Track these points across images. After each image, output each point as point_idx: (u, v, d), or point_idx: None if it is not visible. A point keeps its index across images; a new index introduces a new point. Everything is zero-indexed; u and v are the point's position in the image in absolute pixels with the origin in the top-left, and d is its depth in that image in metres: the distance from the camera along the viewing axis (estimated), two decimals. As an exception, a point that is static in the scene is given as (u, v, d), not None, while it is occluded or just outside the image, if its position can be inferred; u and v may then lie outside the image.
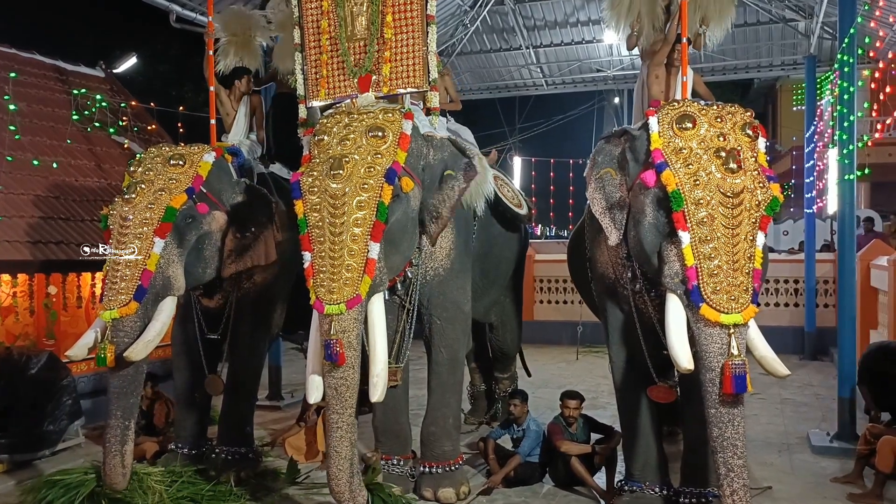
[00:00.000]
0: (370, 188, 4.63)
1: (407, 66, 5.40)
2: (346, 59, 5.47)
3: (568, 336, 11.95)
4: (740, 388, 4.01)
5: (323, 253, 4.56)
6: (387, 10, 5.38)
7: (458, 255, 5.81)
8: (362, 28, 5.46)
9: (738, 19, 12.32)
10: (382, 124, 4.90)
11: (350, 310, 4.49)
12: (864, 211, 16.28)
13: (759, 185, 4.20)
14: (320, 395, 4.73)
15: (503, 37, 13.79)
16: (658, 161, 4.39)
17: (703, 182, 4.21)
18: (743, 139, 4.35)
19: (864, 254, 10.05)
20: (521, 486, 5.90)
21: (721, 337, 4.09)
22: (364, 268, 4.54)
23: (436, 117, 5.66)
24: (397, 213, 4.82)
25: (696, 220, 4.17)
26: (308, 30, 5.62)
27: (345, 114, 5.03)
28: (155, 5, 9.75)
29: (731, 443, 4.08)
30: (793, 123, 20.66)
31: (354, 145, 4.79)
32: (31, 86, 9.01)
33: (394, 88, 5.45)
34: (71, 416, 6.67)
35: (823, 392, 9.16)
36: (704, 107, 4.54)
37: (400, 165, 4.78)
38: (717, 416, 4.11)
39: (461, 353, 5.97)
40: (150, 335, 5.05)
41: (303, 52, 5.66)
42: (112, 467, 4.96)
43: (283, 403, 8.85)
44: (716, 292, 4.08)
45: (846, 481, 5.88)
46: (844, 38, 6.99)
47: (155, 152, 5.61)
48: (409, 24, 5.38)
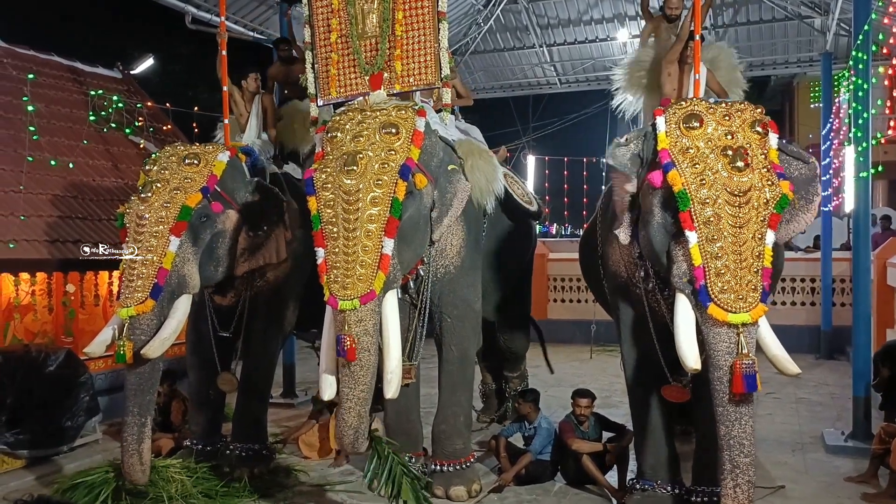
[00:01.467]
0: (384, 184, 4.64)
1: (419, 63, 5.41)
2: (357, 57, 5.49)
3: (581, 335, 11.90)
4: (751, 387, 3.99)
5: (337, 249, 4.57)
6: (398, 7, 5.39)
7: (469, 253, 5.82)
8: (373, 26, 5.47)
9: (753, 16, 12.32)
10: (396, 121, 4.91)
11: (364, 305, 4.49)
12: (881, 209, 16.13)
13: (768, 183, 4.16)
14: (334, 392, 4.74)
15: (516, 35, 13.78)
16: (665, 161, 4.36)
17: (709, 181, 4.19)
18: (752, 136, 4.31)
19: (881, 252, 9.97)
20: (533, 484, 5.91)
21: (729, 336, 4.07)
22: (378, 264, 4.55)
23: (447, 114, 5.68)
24: (411, 210, 4.83)
25: (702, 220, 4.15)
26: (318, 28, 5.64)
27: (358, 110, 5.04)
28: (170, 7, 9.85)
29: (738, 441, 4.08)
30: (810, 121, 20.44)
31: (368, 142, 4.80)
32: (49, 87, 9.12)
33: (406, 86, 5.46)
34: (88, 413, 6.76)
35: (839, 391, 9.08)
36: (713, 105, 4.51)
37: (414, 162, 4.80)
38: (724, 414, 4.11)
39: (471, 350, 5.99)
40: (165, 332, 5.12)
41: (313, 50, 5.68)
42: (131, 465, 5.04)
43: (297, 401, 8.91)
44: (723, 291, 4.06)
45: (860, 481, 5.85)
46: (859, 34, 6.95)
47: (170, 151, 5.67)
48: (420, 21, 5.39)
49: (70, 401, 6.62)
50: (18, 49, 9.25)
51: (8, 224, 6.93)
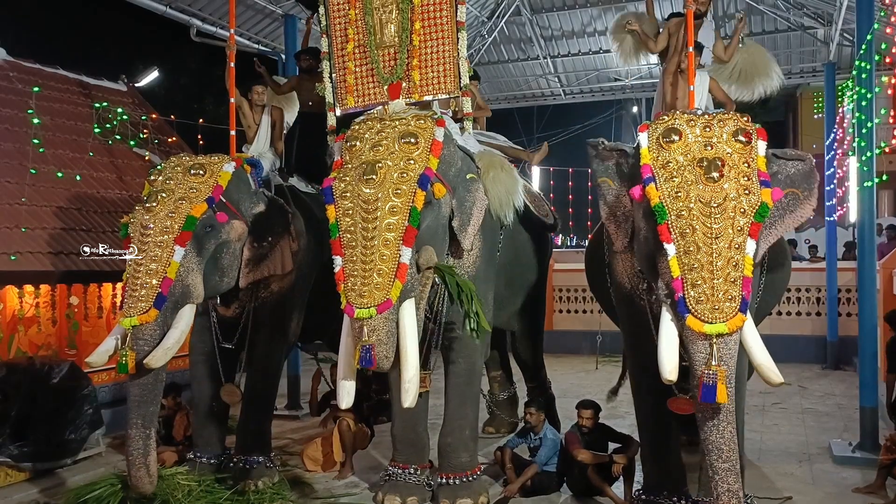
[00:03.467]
0: (403, 193, 4.65)
1: (437, 72, 5.44)
2: (375, 67, 5.50)
3: (588, 345, 11.89)
4: (707, 397, 4.03)
5: (354, 257, 4.58)
6: (416, 17, 5.41)
7: (483, 264, 5.79)
8: (392, 35, 5.50)
9: (756, 27, 12.33)
10: (415, 130, 4.92)
11: (381, 314, 4.49)
12: (887, 219, 16.08)
13: (745, 193, 4.19)
14: (351, 401, 4.73)
15: (521, 47, 13.82)
16: (645, 176, 4.43)
17: (684, 193, 4.25)
18: (734, 146, 4.35)
19: (887, 262, 9.91)
20: (539, 495, 5.87)
21: (705, 347, 4.10)
22: (395, 272, 4.55)
23: (469, 122, 5.68)
24: (429, 219, 4.84)
25: (678, 232, 4.20)
26: (335, 38, 5.66)
27: (377, 119, 5.05)
28: (176, 20, 9.90)
29: (716, 446, 4.16)
30: (814, 131, 20.42)
31: (387, 151, 4.82)
32: (54, 100, 9.15)
33: (425, 95, 5.47)
34: (92, 426, 6.75)
35: (845, 402, 9.04)
36: (695, 117, 4.56)
37: (432, 171, 4.81)
38: (702, 420, 4.20)
39: (479, 363, 5.96)
40: (169, 342, 5.11)
41: (330, 60, 5.69)
42: (139, 478, 5.04)
43: (302, 413, 8.87)
44: (699, 302, 4.09)
45: (868, 492, 5.80)
46: (862, 44, 6.95)
47: (175, 162, 5.68)
48: (438, 31, 5.42)
49: (74, 413, 6.60)
50: (24, 63, 9.29)
51: (11, 236, 6.93)
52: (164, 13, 9.72)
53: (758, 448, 7.07)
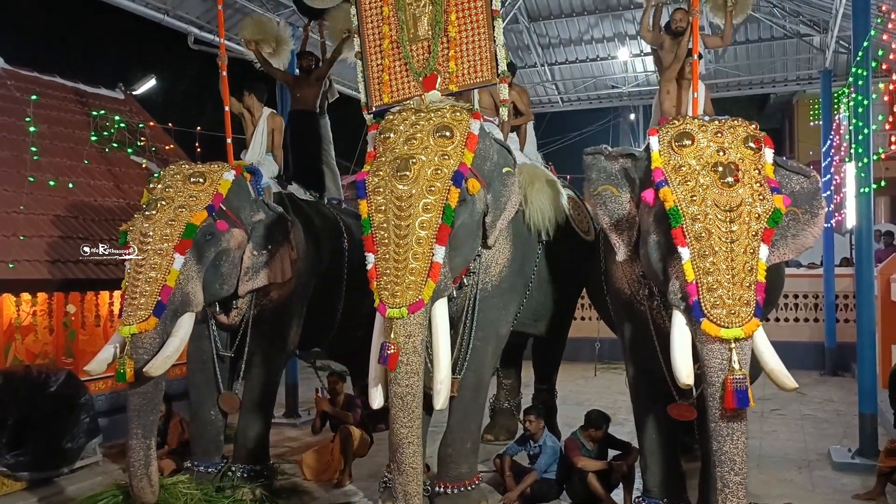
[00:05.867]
0: (437, 191, 4.59)
1: (474, 61, 5.39)
2: (409, 62, 5.46)
3: (586, 352, 11.87)
4: (742, 402, 3.98)
5: (387, 255, 4.52)
6: (450, 8, 5.39)
7: (510, 274, 5.68)
8: (425, 29, 5.46)
9: (753, 35, 12.39)
10: (450, 123, 4.85)
11: (413, 314, 4.44)
12: (884, 225, 16.09)
13: (759, 198, 4.17)
14: (382, 401, 4.64)
15: (518, 54, 13.83)
16: (658, 179, 4.38)
17: (699, 197, 4.20)
18: (745, 152, 4.33)
19: (884, 268, 9.93)
20: (538, 503, 5.85)
21: (722, 352, 4.06)
22: (428, 271, 4.50)
23: (505, 108, 5.65)
24: (463, 216, 4.78)
25: (693, 236, 4.16)
26: (368, 37, 5.62)
27: (412, 111, 4.98)
28: (174, 28, 9.91)
29: (729, 458, 4.07)
30: (810, 138, 20.50)
31: (421, 145, 4.74)
32: (51, 108, 9.15)
33: (462, 85, 5.44)
34: (89, 434, 6.71)
35: (844, 408, 9.02)
36: (706, 123, 4.54)
37: (467, 167, 4.75)
38: (716, 430, 4.10)
39: (487, 376, 5.86)
40: (168, 351, 5.10)
41: (363, 59, 5.66)
42: (141, 489, 5.04)
43: (300, 421, 8.85)
44: (715, 307, 4.05)
45: (868, 498, 5.80)
46: (858, 51, 6.98)
47: (175, 170, 5.68)
48: (474, 20, 5.39)
49: (71, 422, 6.56)
50: (21, 71, 9.29)
51: (9, 244, 6.92)
52: (163, 21, 9.72)
53: (757, 454, 7.05)
